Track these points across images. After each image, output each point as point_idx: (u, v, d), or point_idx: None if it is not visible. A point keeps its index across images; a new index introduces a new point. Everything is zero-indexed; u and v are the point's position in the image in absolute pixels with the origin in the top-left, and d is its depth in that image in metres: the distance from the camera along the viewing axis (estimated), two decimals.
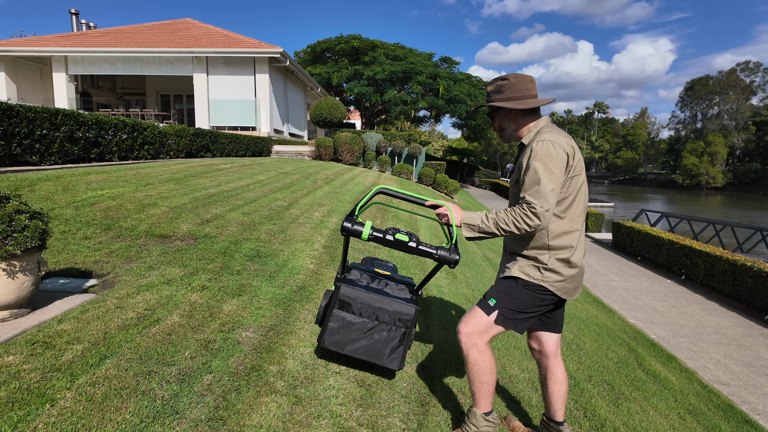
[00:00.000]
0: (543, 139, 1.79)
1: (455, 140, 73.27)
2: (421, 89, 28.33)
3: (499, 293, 1.91)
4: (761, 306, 7.94)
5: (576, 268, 1.88)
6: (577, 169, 1.82)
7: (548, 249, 1.87)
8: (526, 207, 1.74)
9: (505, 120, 1.98)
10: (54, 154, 6.39)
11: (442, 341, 3.03)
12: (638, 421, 2.94)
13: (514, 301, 1.88)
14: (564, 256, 1.86)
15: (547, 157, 1.75)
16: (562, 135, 1.83)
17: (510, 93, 1.93)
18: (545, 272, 1.87)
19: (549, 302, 1.91)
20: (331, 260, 3.98)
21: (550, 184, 1.73)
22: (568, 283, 1.90)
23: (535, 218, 1.73)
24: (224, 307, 2.70)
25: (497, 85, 1.96)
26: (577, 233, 1.88)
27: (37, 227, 2.34)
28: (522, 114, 1.94)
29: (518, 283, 1.89)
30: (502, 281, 1.95)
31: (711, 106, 72.48)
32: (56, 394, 1.73)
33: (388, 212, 7.05)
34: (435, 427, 2.04)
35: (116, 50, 16.57)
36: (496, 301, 1.89)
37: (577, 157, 1.83)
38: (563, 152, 1.78)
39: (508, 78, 1.94)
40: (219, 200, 5.45)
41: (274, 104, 18.40)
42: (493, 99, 1.97)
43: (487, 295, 1.95)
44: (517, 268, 1.91)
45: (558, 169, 1.76)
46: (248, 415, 1.81)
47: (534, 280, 1.87)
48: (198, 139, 10.60)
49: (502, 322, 1.87)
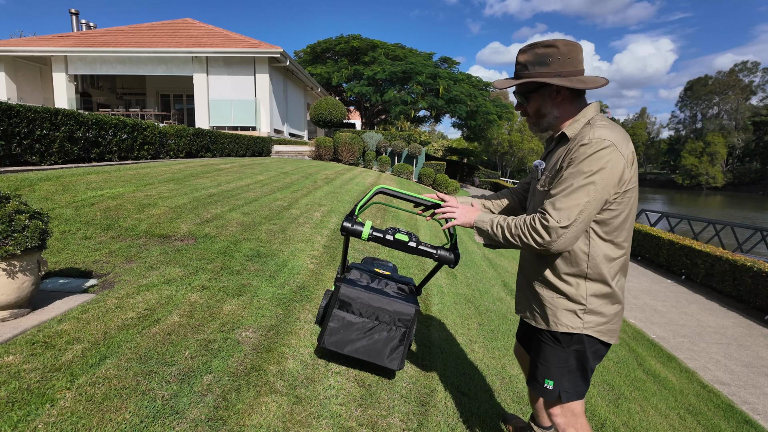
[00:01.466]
0: (598, 137, 1.35)
1: (455, 140, 73.25)
2: (421, 89, 28.34)
3: (552, 371, 1.53)
4: (761, 306, 7.94)
5: (619, 303, 1.50)
6: (632, 181, 1.40)
7: (585, 278, 1.46)
8: (539, 218, 1.39)
9: (548, 103, 1.50)
10: (54, 154, 6.39)
11: (442, 341, 3.03)
12: (638, 421, 2.94)
13: (570, 372, 1.52)
14: (605, 290, 1.46)
15: (595, 162, 1.33)
16: (622, 134, 1.39)
17: (559, 66, 1.44)
18: (586, 316, 1.47)
19: (602, 351, 1.53)
20: (331, 260, 3.98)
21: (584, 197, 1.34)
22: (613, 324, 1.50)
23: (545, 234, 1.37)
24: (224, 307, 2.70)
25: (539, 54, 1.45)
26: (621, 261, 1.48)
27: (37, 227, 2.34)
28: (570, 96, 1.49)
29: (564, 347, 1.50)
30: (547, 351, 1.54)
31: (711, 106, 72.55)
32: (56, 394, 1.73)
33: (388, 212, 7.05)
34: (435, 427, 2.04)
35: (116, 50, 16.58)
36: (553, 382, 1.53)
37: (635, 165, 1.41)
38: (621, 159, 1.35)
39: (556, 45, 1.44)
40: (219, 200, 5.45)
41: (274, 104, 18.40)
42: (533, 73, 1.47)
43: (539, 375, 1.57)
44: (550, 319, 1.52)
45: (605, 180, 1.34)
46: (248, 415, 1.81)
47: (574, 330, 1.47)
48: (198, 139, 10.60)
49: (568, 398, 1.53)
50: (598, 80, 1.43)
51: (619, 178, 1.36)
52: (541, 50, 1.45)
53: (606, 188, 1.35)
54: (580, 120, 1.46)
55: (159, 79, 21.04)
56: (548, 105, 1.51)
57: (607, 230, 1.43)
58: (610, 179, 1.35)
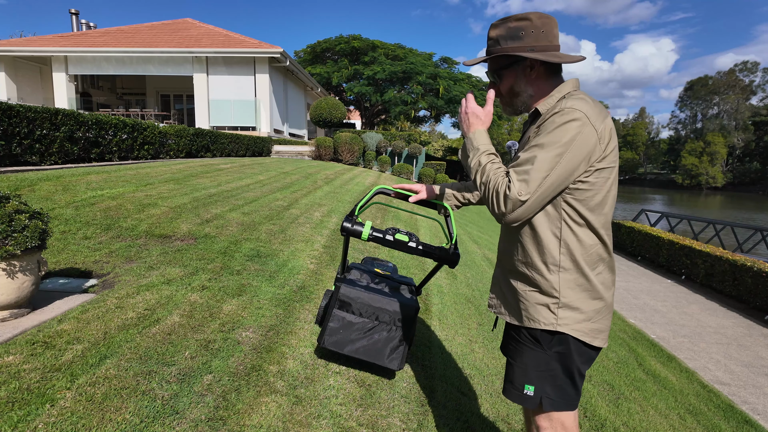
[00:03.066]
0: (570, 106, 1.23)
1: (455, 140, 73.27)
2: (421, 89, 28.35)
3: (532, 374, 1.36)
4: (761, 306, 7.94)
5: (601, 299, 1.32)
6: (609, 159, 1.26)
7: (558, 267, 1.31)
8: (505, 185, 1.24)
9: (521, 80, 1.38)
10: (54, 154, 6.39)
11: (442, 341, 3.03)
12: (638, 421, 2.94)
13: (552, 376, 1.34)
14: (581, 281, 1.30)
15: (564, 131, 1.21)
16: (598, 108, 1.26)
17: (533, 40, 1.32)
18: (560, 311, 1.31)
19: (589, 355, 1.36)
20: (331, 260, 3.98)
21: (547, 170, 1.20)
22: (595, 322, 1.32)
23: (503, 203, 1.23)
24: (224, 307, 2.70)
25: (512, 28, 1.34)
26: (600, 247, 1.31)
27: (37, 227, 2.34)
28: (545, 73, 1.36)
29: (544, 347, 1.34)
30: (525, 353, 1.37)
31: (710, 106, 72.56)
32: (56, 394, 1.73)
33: (388, 212, 7.05)
34: (435, 427, 2.04)
35: (116, 50, 16.58)
36: (533, 387, 1.35)
37: (613, 142, 1.26)
38: (593, 133, 1.21)
39: (529, 18, 1.33)
40: (219, 200, 5.45)
41: (274, 104, 18.40)
42: (505, 47, 1.35)
43: (516, 381, 1.39)
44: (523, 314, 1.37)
45: (572, 154, 1.21)
46: (248, 415, 1.81)
47: (548, 327, 1.31)
48: (198, 139, 10.60)
49: (551, 406, 1.34)
50: (575, 56, 1.32)
51: (589, 153, 1.22)
52: (514, 23, 1.34)
53: (573, 162, 1.22)
54: (554, 95, 1.34)
55: (159, 79, 21.04)
56: (522, 82, 1.38)
57: (580, 212, 1.28)
58: (578, 153, 1.21)
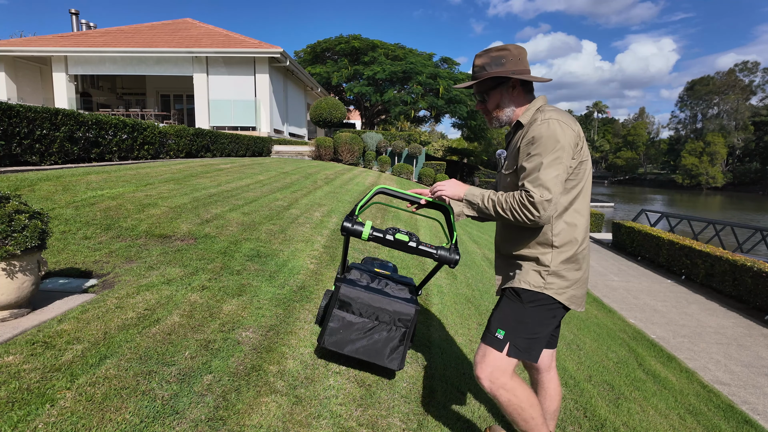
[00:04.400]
0: (547, 118, 1.56)
1: (455, 140, 73.25)
2: (421, 89, 28.34)
3: (506, 321, 1.64)
4: (761, 306, 7.94)
5: (581, 270, 1.65)
6: (584, 153, 1.61)
7: (552, 246, 1.62)
8: (525, 196, 1.51)
9: (505, 98, 1.71)
10: (54, 154, 6.39)
11: (442, 341, 3.03)
12: (638, 421, 2.94)
13: (523, 326, 1.61)
14: (568, 255, 1.62)
15: (553, 138, 1.52)
16: (568, 115, 1.61)
17: (513, 66, 1.66)
18: (548, 278, 1.61)
19: (560, 316, 1.67)
20: (331, 260, 3.98)
21: (554, 170, 1.50)
22: (576, 289, 1.66)
23: (534, 209, 1.49)
24: (224, 307, 2.70)
25: (495, 56, 1.67)
26: (583, 227, 1.64)
27: (36, 227, 2.34)
28: (523, 91, 1.71)
29: (523, 301, 1.62)
30: (504, 304, 1.68)
31: (710, 106, 72.52)
32: (56, 394, 1.73)
33: (388, 212, 7.05)
34: (435, 427, 2.04)
35: (116, 50, 16.58)
36: (504, 332, 1.62)
37: (584, 141, 1.61)
38: (572, 132, 1.55)
39: (508, 48, 1.67)
40: (219, 200, 5.45)
41: (274, 104, 18.40)
42: (492, 72, 1.67)
43: (492, 326, 1.66)
44: (516, 277, 1.66)
45: (566, 153, 1.53)
46: (248, 415, 1.81)
47: (536, 288, 1.61)
48: (198, 139, 10.60)
49: (516, 354, 1.60)
50: (544, 78, 1.72)
51: (573, 147, 1.56)
52: (496, 53, 1.68)
53: (568, 159, 1.54)
54: (531, 108, 1.68)
55: (159, 79, 21.03)
56: (506, 99, 1.72)
57: (568, 199, 1.61)
58: (568, 151, 1.54)
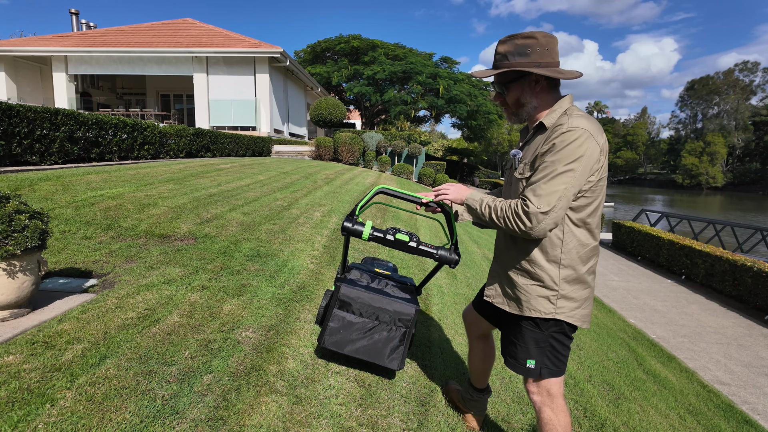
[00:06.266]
0: (575, 126, 1.40)
1: (455, 140, 73.24)
2: (421, 89, 28.32)
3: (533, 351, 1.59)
4: (761, 306, 7.94)
5: (589, 288, 1.56)
6: (604, 170, 1.47)
7: (559, 264, 1.50)
8: (521, 204, 1.43)
9: (527, 93, 1.53)
10: (54, 154, 6.39)
11: (442, 341, 3.03)
12: (638, 421, 2.94)
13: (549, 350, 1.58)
14: (576, 275, 1.51)
15: (573, 150, 1.38)
16: (597, 125, 1.45)
17: (539, 57, 1.47)
18: (558, 302, 1.52)
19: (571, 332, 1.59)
20: (331, 260, 3.98)
21: (563, 183, 1.38)
22: (584, 308, 1.57)
23: (526, 220, 1.40)
24: (224, 307, 2.70)
25: (520, 45, 1.48)
26: (595, 247, 1.54)
27: (37, 227, 2.34)
28: (548, 87, 1.52)
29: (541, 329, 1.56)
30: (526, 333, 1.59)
31: (711, 106, 72.52)
32: (56, 394, 1.73)
33: (388, 212, 7.05)
34: (435, 427, 2.04)
35: (116, 50, 16.57)
36: (534, 361, 1.59)
37: (606, 153, 1.47)
38: (596, 147, 1.41)
39: (535, 36, 1.47)
40: (219, 200, 5.45)
41: (274, 104, 18.40)
42: (514, 63, 1.49)
43: (520, 357, 1.62)
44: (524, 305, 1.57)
45: (582, 167, 1.39)
46: (248, 415, 1.81)
47: (548, 315, 1.52)
48: (198, 139, 10.60)
49: (549, 374, 1.58)
50: (574, 72, 1.48)
51: (594, 164, 1.41)
52: (521, 41, 1.48)
53: (583, 175, 1.40)
54: (557, 110, 1.50)
55: (159, 79, 21.03)
56: (527, 95, 1.53)
57: (581, 216, 1.48)
58: (587, 167, 1.40)
